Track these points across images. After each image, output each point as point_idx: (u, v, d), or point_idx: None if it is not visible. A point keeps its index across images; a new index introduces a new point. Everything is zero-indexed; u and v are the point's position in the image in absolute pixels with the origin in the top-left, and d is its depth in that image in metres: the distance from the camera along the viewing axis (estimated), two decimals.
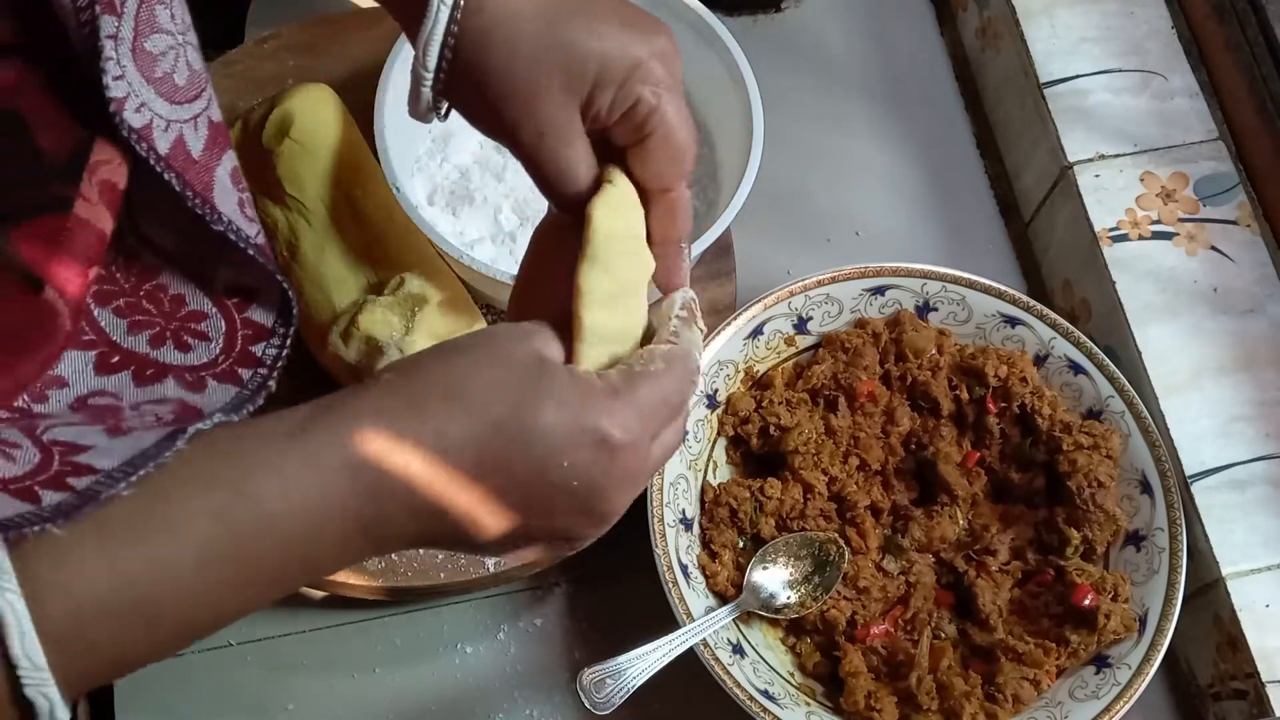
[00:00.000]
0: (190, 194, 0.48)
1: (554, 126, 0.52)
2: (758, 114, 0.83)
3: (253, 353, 0.53)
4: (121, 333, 0.51)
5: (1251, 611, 0.79)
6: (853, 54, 1.07)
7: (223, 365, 0.52)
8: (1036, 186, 0.98)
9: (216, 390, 0.51)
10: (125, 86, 0.45)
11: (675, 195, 0.55)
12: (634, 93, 0.52)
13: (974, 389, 0.86)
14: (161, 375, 0.51)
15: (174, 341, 0.52)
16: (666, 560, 0.79)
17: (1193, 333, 0.87)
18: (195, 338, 0.52)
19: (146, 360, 0.51)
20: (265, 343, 0.53)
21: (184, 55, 0.48)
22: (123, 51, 0.45)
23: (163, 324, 0.52)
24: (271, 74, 0.94)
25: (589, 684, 0.73)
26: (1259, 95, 0.91)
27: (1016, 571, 0.83)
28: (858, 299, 0.89)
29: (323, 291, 0.81)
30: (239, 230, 0.50)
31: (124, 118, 0.45)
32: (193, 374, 0.51)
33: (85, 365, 0.49)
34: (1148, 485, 0.83)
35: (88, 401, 0.48)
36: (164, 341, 0.51)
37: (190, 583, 0.43)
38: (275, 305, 0.54)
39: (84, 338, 0.50)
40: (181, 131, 0.48)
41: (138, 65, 0.46)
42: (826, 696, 0.80)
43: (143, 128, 0.46)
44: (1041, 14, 0.98)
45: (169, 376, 0.51)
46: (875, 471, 0.85)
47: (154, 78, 0.46)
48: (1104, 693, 0.77)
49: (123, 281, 0.51)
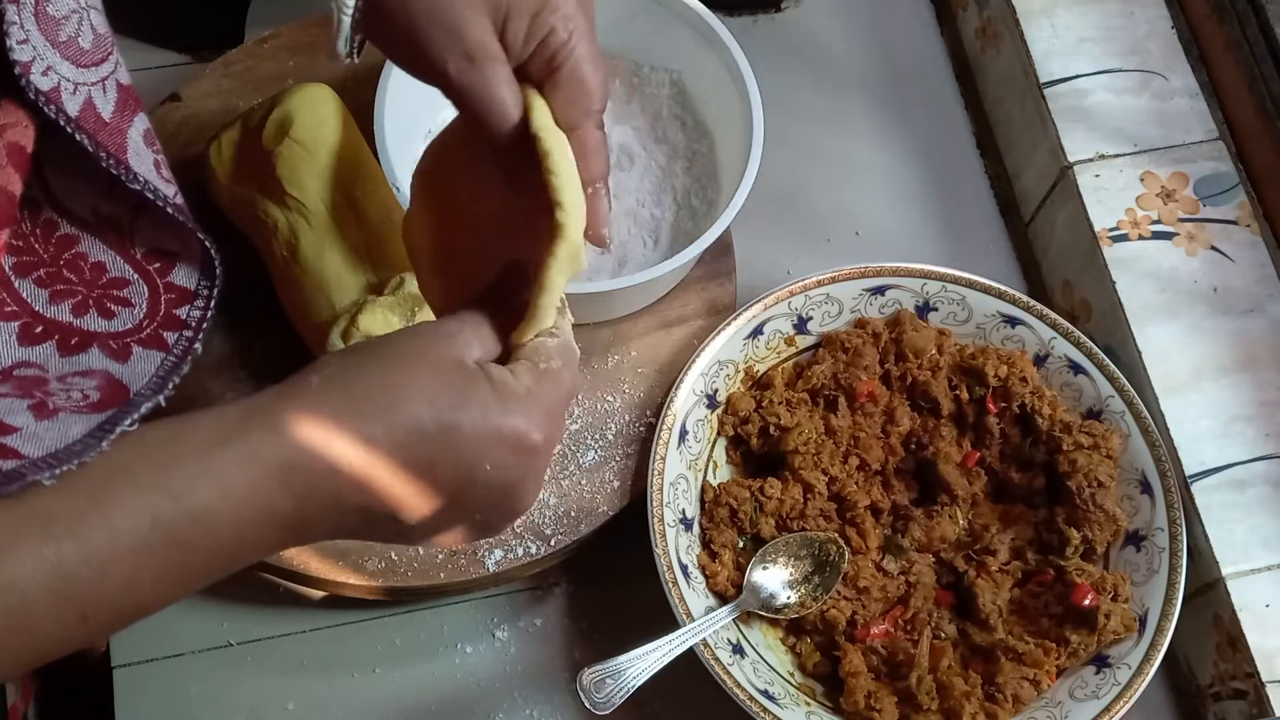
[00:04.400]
0: (104, 154, 0.48)
1: (483, 50, 0.53)
2: (758, 114, 0.83)
3: (177, 315, 0.53)
4: (43, 302, 0.51)
5: (1251, 611, 0.79)
6: (853, 54, 1.07)
7: (147, 330, 0.52)
8: (1036, 186, 0.98)
9: (142, 357, 0.52)
10: (30, 50, 0.45)
11: (584, 133, 0.55)
12: (546, 23, 0.53)
13: (974, 389, 0.86)
14: (86, 344, 0.51)
15: (97, 309, 0.52)
16: (666, 560, 0.79)
17: (1193, 333, 0.87)
18: (118, 304, 0.52)
19: (70, 329, 0.51)
20: (189, 305, 0.53)
21: (87, 19, 0.48)
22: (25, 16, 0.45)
23: (84, 292, 0.52)
24: (271, 74, 0.94)
25: (589, 684, 0.73)
26: (1259, 95, 0.91)
27: (1016, 571, 0.83)
28: (858, 299, 0.89)
29: (323, 291, 0.81)
30: (156, 190, 0.50)
31: (30, 80, 0.45)
32: (117, 341, 0.52)
33: (9, 336, 0.49)
34: (1148, 485, 0.83)
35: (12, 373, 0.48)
36: (87, 309, 0.52)
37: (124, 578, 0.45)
38: (197, 266, 0.54)
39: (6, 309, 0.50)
40: (90, 94, 0.48)
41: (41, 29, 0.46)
42: (826, 696, 0.80)
43: (50, 90, 0.46)
44: (1041, 14, 0.98)
45: (94, 345, 0.51)
46: (875, 471, 0.85)
47: (58, 41, 0.47)
48: (1104, 693, 0.77)
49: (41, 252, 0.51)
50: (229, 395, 0.84)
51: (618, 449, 0.85)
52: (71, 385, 0.49)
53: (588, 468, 0.84)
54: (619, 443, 0.85)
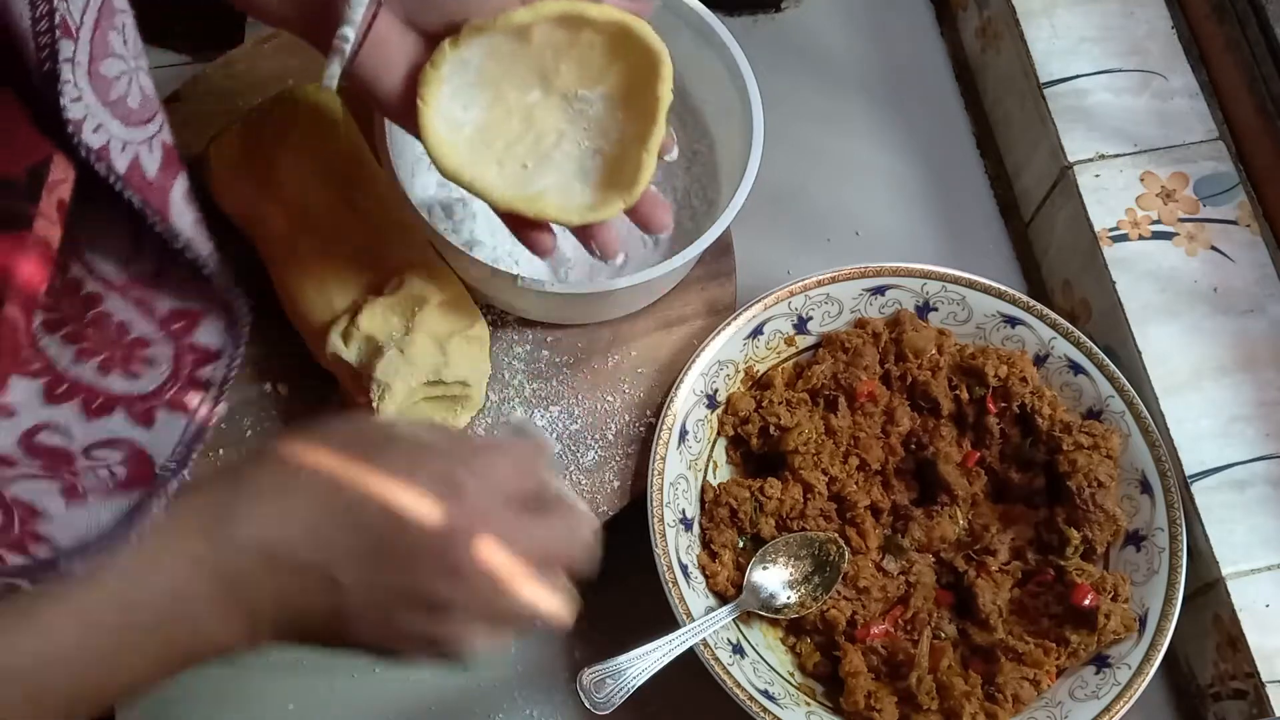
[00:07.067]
0: (150, 212, 0.49)
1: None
2: (758, 114, 0.83)
3: (199, 378, 0.53)
4: (69, 359, 0.51)
5: (1251, 611, 0.79)
6: (853, 54, 1.07)
7: (170, 392, 0.52)
8: (1036, 186, 0.98)
9: (166, 422, 0.52)
10: (83, 108, 0.45)
11: None
12: None
13: (974, 389, 0.86)
14: (110, 407, 0.51)
15: (121, 368, 0.52)
16: (666, 560, 0.79)
17: (1193, 333, 0.87)
18: (142, 364, 0.53)
19: (94, 391, 0.51)
20: (212, 366, 0.54)
21: (136, 79, 0.49)
22: (79, 74, 0.45)
23: (110, 351, 0.52)
24: (271, 74, 0.94)
25: (589, 684, 0.73)
26: (1259, 95, 0.91)
27: (1016, 571, 0.83)
28: (858, 299, 0.89)
29: (323, 291, 0.81)
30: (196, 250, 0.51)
31: (82, 139, 0.46)
32: (142, 403, 0.52)
33: (34, 394, 0.49)
34: (1148, 485, 0.83)
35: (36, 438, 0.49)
36: (111, 369, 0.52)
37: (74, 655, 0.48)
38: (222, 327, 0.54)
39: (32, 366, 0.51)
40: (138, 153, 0.49)
41: (94, 88, 0.46)
42: (826, 696, 0.80)
43: (100, 148, 0.46)
44: (1041, 14, 0.98)
45: (117, 408, 0.51)
46: (875, 471, 0.85)
47: (109, 100, 0.47)
48: (1104, 693, 0.77)
49: (67, 309, 0.52)
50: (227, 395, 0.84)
51: (618, 449, 0.85)
52: (97, 461, 0.50)
53: (588, 468, 0.84)
54: (619, 443, 0.85)
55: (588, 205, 0.70)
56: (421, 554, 0.52)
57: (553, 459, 0.56)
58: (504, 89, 0.68)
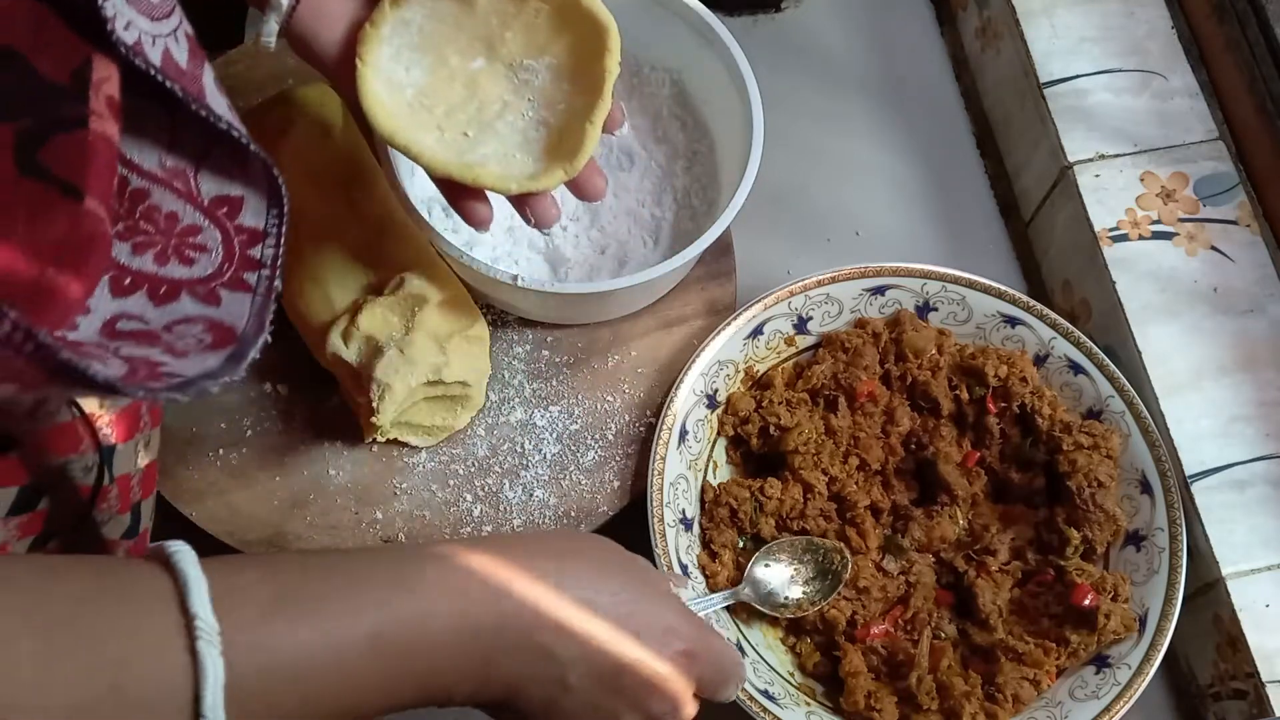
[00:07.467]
0: (191, 100, 0.51)
1: None
2: (758, 114, 0.83)
3: (251, 256, 0.55)
4: (127, 254, 0.52)
5: (1251, 611, 0.79)
6: (853, 54, 1.07)
7: (228, 274, 0.54)
8: (1036, 186, 0.98)
9: (231, 299, 0.54)
10: (113, 6, 0.47)
11: None
12: None
13: (974, 389, 0.86)
14: (175, 293, 0.53)
15: (177, 257, 0.54)
16: (666, 560, 0.79)
17: (1193, 333, 0.87)
18: (196, 250, 0.54)
19: (157, 279, 0.53)
20: (261, 245, 0.55)
21: None
22: None
23: (163, 241, 0.54)
24: (271, 74, 0.94)
25: None
26: (1259, 95, 0.91)
27: (1016, 571, 0.83)
28: (858, 299, 0.89)
29: (323, 291, 0.81)
30: (237, 128, 0.53)
31: (118, 35, 0.47)
32: (203, 286, 0.53)
33: (102, 289, 0.51)
34: (1148, 485, 0.83)
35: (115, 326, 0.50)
36: (168, 258, 0.53)
37: (354, 667, 0.49)
38: (264, 202, 0.56)
39: None
40: (167, 45, 0.50)
41: None
42: (826, 696, 0.80)
43: (135, 43, 0.48)
44: (1041, 14, 0.98)
45: (182, 293, 0.53)
46: (875, 471, 0.85)
47: None
48: (1104, 693, 0.77)
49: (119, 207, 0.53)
50: (226, 394, 0.84)
51: (618, 449, 0.85)
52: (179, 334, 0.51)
53: (588, 468, 0.84)
54: (619, 443, 0.85)
55: (528, 175, 0.69)
56: (646, 695, 0.57)
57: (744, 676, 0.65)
58: (447, 53, 0.68)
